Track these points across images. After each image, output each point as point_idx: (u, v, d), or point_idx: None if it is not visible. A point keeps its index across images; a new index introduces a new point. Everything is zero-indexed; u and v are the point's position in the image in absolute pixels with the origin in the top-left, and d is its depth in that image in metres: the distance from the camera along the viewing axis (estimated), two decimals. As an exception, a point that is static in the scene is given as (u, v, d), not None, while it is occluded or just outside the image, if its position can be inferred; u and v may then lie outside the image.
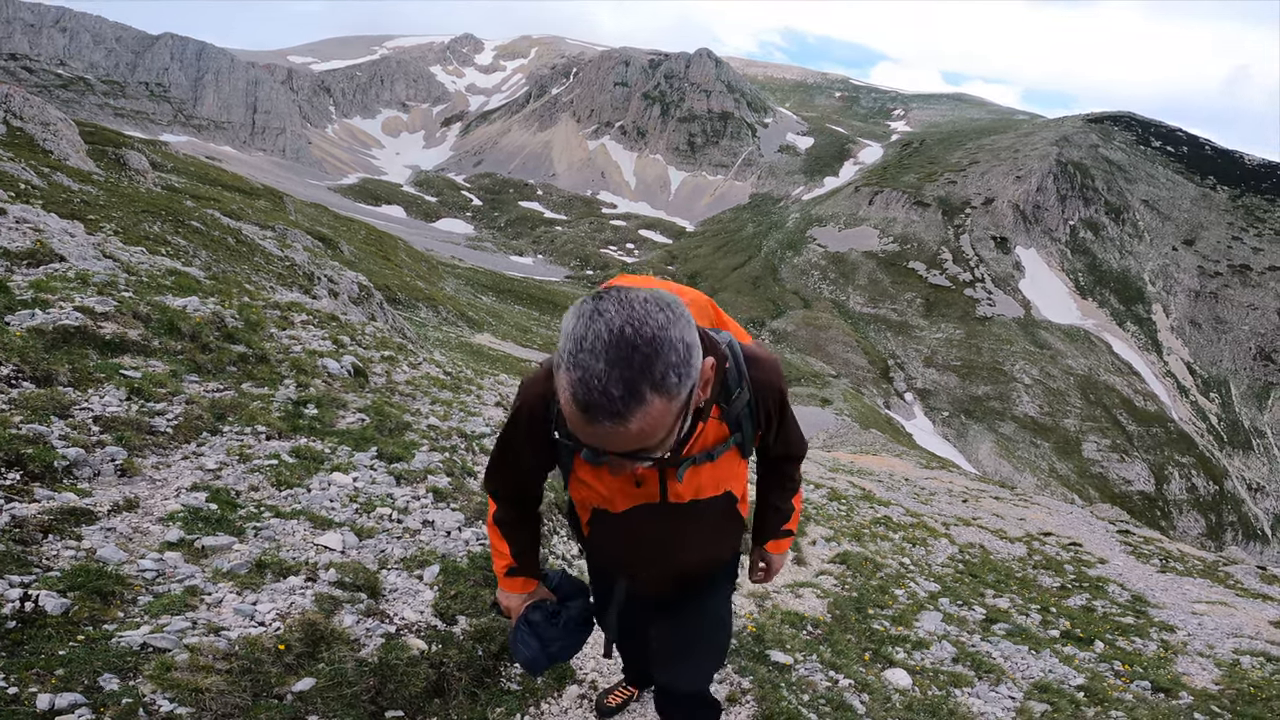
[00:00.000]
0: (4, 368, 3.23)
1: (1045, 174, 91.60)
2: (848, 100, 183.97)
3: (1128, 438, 61.34)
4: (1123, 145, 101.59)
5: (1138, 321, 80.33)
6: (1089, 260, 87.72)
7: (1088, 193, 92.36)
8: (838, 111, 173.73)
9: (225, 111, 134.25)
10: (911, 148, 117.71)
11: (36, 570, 2.27)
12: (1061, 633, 5.77)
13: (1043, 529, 11.65)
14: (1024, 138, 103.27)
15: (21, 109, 19.13)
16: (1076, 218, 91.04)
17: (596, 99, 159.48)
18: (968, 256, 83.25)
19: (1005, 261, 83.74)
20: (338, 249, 29.46)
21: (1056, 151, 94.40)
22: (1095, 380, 67.66)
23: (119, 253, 6.39)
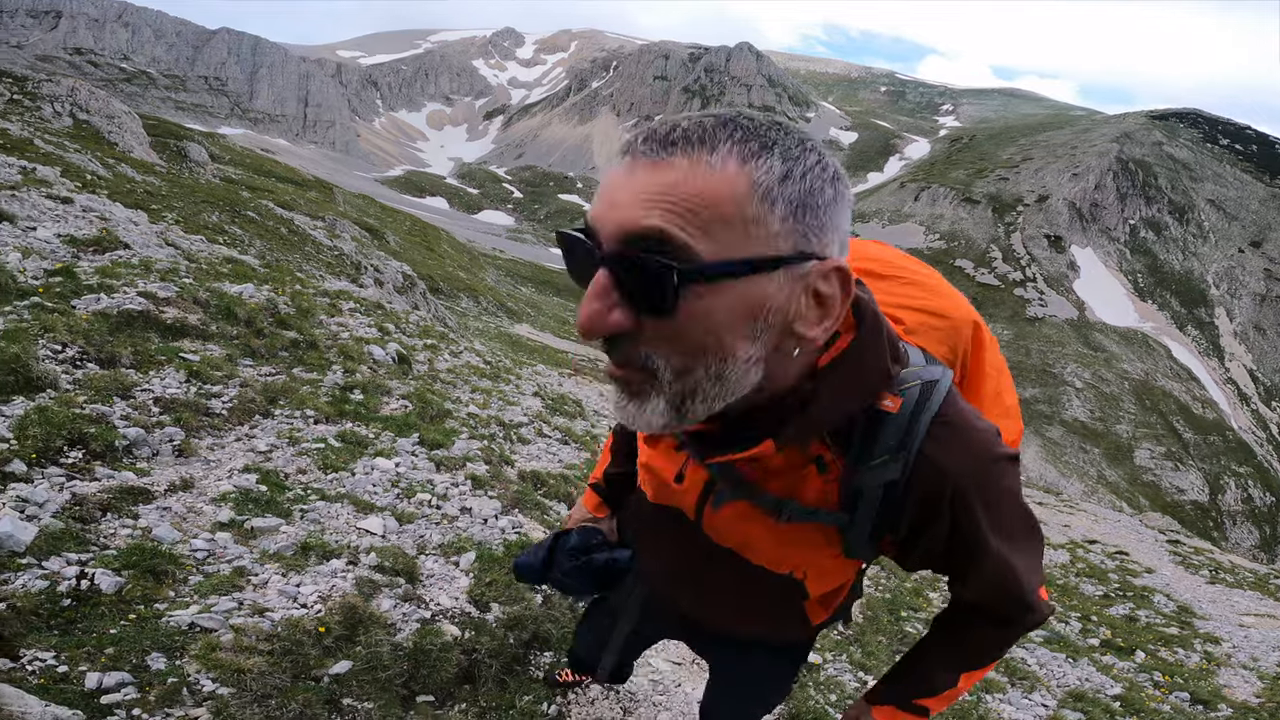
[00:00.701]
0: (70, 349, 3.39)
1: (1104, 171, 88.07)
2: (893, 95, 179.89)
3: (1183, 445, 58.78)
4: (1188, 143, 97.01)
5: (1199, 325, 76.74)
6: (1149, 261, 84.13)
7: (1150, 191, 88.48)
8: (883, 106, 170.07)
9: (279, 105, 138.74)
10: (961, 143, 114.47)
11: (94, 548, 2.35)
12: (1101, 641, 5.71)
13: (1088, 536, 11.44)
14: (1082, 134, 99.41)
15: (88, 103, 20.10)
16: (1137, 217, 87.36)
17: (636, 92, 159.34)
18: (1019, 255, 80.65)
19: (1059, 261, 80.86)
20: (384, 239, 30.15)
21: (1117, 149, 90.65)
22: (1152, 385, 64.93)
23: (180, 241, 6.66)
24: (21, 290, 3.84)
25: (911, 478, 0.87)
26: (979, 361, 1.07)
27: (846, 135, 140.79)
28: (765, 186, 0.67)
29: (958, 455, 0.87)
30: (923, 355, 0.94)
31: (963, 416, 0.89)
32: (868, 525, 0.92)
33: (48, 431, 2.73)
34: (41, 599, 2.03)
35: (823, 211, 0.71)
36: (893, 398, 0.85)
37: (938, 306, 1.04)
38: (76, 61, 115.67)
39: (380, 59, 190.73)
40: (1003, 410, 1.09)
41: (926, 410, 0.86)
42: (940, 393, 0.88)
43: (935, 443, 0.86)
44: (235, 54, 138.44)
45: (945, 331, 1.03)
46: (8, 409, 2.83)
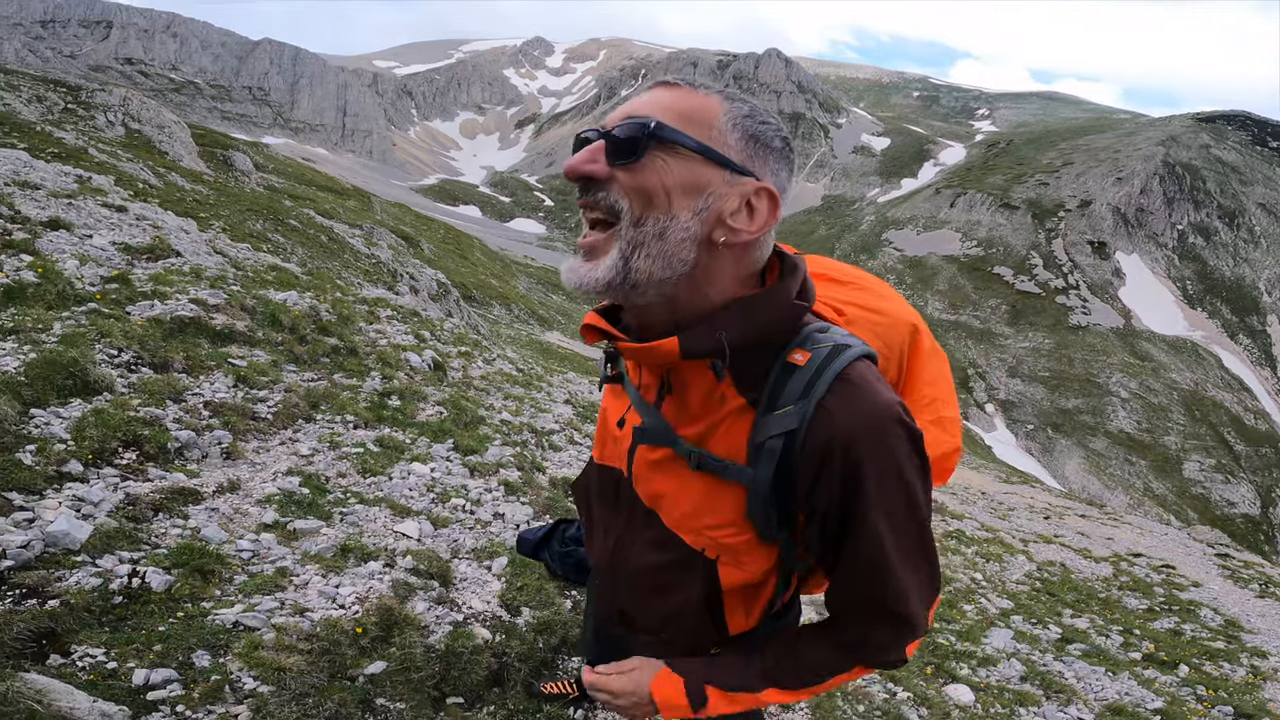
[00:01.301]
0: (126, 354, 3.54)
1: (1150, 175, 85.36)
2: (926, 100, 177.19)
3: (1234, 457, 56.41)
4: (1237, 145, 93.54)
5: (1251, 334, 73.71)
6: (1199, 267, 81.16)
7: (1198, 195, 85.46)
8: (916, 111, 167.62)
9: (318, 114, 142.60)
10: (998, 148, 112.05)
11: (145, 547, 2.44)
12: (1144, 655, 5.59)
13: (1133, 549, 11.20)
14: (1125, 138, 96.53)
15: (139, 112, 20.91)
16: (1185, 222, 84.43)
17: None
18: (1060, 262, 78.52)
19: (1103, 268, 78.49)
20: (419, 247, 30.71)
21: (1163, 152, 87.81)
22: (1202, 396, 62.49)
23: (227, 249, 6.90)
24: (79, 296, 4.03)
25: (808, 428, 0.90)
26: (914, 363, 1.12)
27: (879, 141, 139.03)
28: (733, 117, 0.89)
29: (854, 408, 0.89)
30: (847, 335, 0.98)
31: (866, 379, 0.92)
32: (768, 479, 0.93)
33: (104, 433, 2.85)
34: (94, 596, 2.11)
35: (769, 154, 0.91)
36: (803, 353, 0.93)
37: (878, 305, 1.12)
38: (128, 71, 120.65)
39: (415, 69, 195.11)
40: (934, 418, 1.11)
41: (831, 367, 0.91)
42: (849, 356, 0.92)
43: (834, 396, 0.90)
44: (277, 64, 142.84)
45: (881, 326, 1.09)
46: (65, 411, 2.97)
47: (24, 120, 13.47)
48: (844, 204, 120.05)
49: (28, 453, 2.63)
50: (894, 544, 0.94)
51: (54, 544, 2.26)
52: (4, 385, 2.87)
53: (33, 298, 3.77)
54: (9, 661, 1.83)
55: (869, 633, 1.03)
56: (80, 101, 20.19)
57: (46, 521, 2.33)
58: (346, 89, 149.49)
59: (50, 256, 4.47)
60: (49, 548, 2.25)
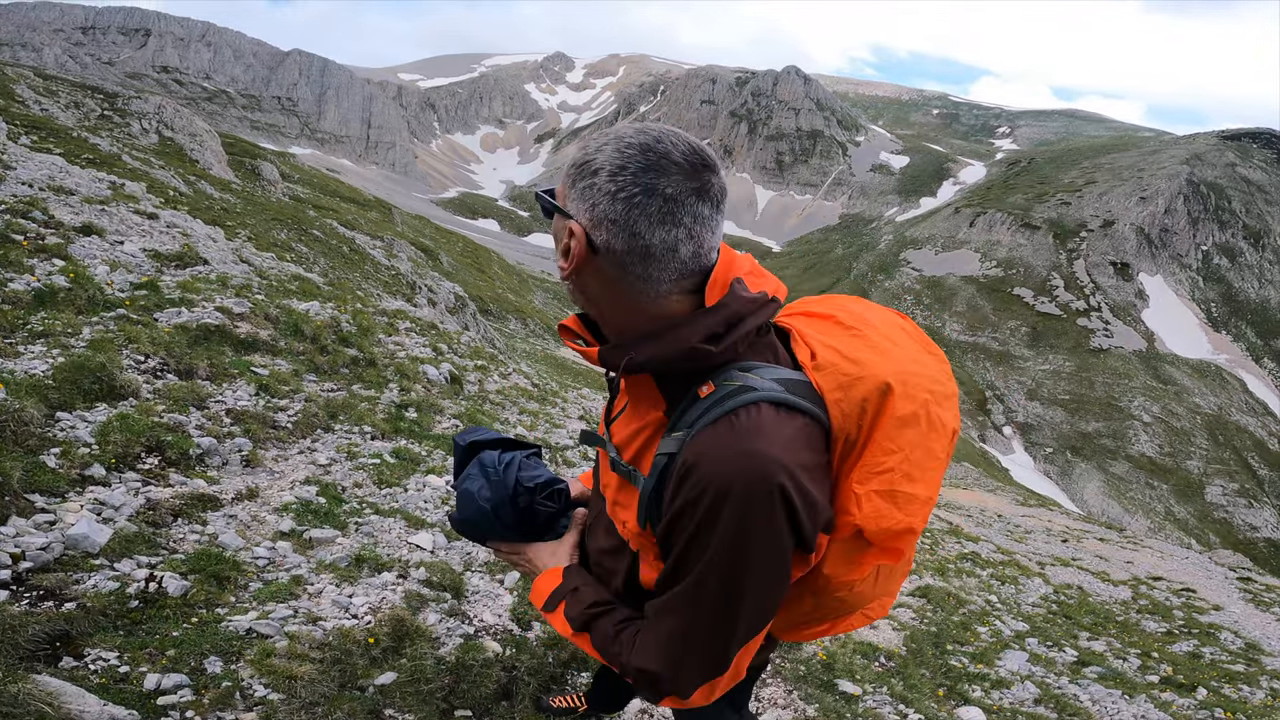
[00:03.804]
0: (152, 360, 3.61)
1: (1174, 195, 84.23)
2: (946, 118, 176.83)
3: (1258, 482, 55.17)
4: (1263, 164, 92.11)
5: (1276, 358, 72.11)
6: (1223, 289, 79.76)
7: (1223, 215, 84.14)
8: (936, 129, 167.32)
9: (344, 126, 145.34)
10: (1019, 166, 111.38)
11: (163, 552, 2.46)
12: (1161, 678, 5.55)
13: (1153, 573, 11.15)
14: (1149, 156, 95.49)
15: (173, 120, 21.46)
16: (1210, 242, 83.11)
17: (683, 117, 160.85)
18: (1082, 283, 77.50)
19: (1126, 289, 77.38)
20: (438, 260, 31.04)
21: (1188, 171, 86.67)
22: (1225, 420, 61.21)
23: (253, 258, 7.02)
24: (109, 302, 4.11)
25: (682, 452, 0.96)
26: (878, 427, 1.01)
27: (897, 159, 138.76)
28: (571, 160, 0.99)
29: (720, 446, 0.92)
30: (790, 379, 1.00)
31: (755, 424, 0.93)
32: (649, 491, 1.01)
33: (128, 438, 2.89)
34: (111, 600, 2.12)
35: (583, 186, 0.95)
36: (710, 385, 0.98)
37: (859, 356, 1.04)
38: (163, 79, 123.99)
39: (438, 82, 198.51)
40: (884, 489, 0.99)
41: (725, 404, 0.94)
42: (750, 398, 0.94)
43: (712, 429, 0.94)
44: (306, 75, 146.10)
45: (848, 378, 1.01)
46: (91, 415, 3.02)
47: (61, 126, 13.86)
48: (862, 223, 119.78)
49: (52, 455, 2.67)
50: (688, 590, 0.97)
51: (73, 547, 2.29)
52: (32, 388, 2.92)
53: (63, 302, 3.86)
54: (22, 663, 1.83)
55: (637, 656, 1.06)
56: (116, 108, 20.76)
57: (67, 524, 2.36)
58: (372, 101, 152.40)
59: (82, 262, 4.58)
60: (68, 550, 2.27)
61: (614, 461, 1.11)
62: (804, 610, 1.15)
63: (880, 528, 0.99)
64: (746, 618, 0.99)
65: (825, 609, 1.15)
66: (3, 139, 8.29)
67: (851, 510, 1.00)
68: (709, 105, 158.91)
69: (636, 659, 1.06)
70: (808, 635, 1.26)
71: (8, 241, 4.42)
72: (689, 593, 0.97)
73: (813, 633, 1.25)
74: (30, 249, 4.45)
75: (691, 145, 0.95)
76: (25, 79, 19.41)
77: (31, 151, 8.11)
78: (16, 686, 1.64)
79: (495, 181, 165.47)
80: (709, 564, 0.94)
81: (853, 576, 1.08)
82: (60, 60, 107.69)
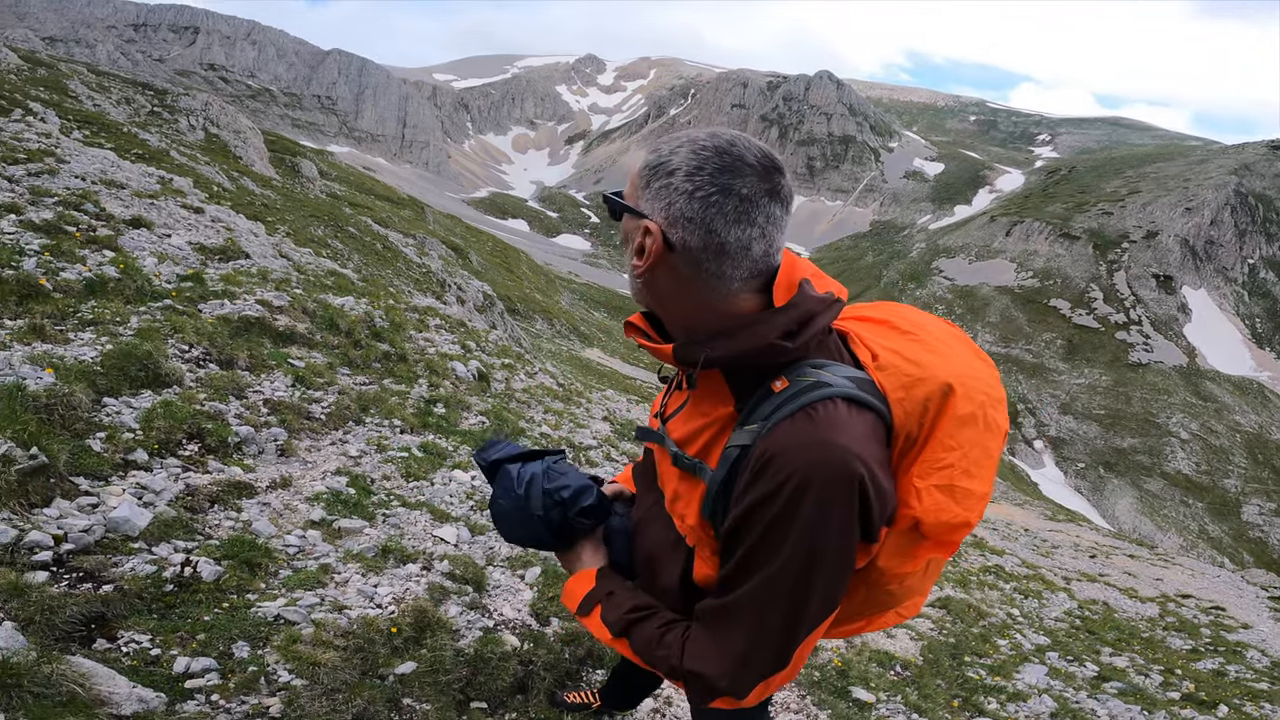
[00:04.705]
0: (195, 349, 3.74)
1: (1221, 206, 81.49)
2: (983, 124, 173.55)
3: (1296, 501, 53.16)
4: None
5: (1323, 378, 69.33)
6: (1269, 304, 77.00)
7: (1271, 227, 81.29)
8: (972, 136, 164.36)
9: (380, 125, 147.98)
10: (1059, 175, 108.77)
11: (199, 537, 2.53)
12: (1183, 695, 5.53)
13: (1182, 590, 11.06)
14: (1196, 165, 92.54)
15: (218, 117, 22.10)
16: (1257, 255, 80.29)
17: (714, 120, 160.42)
18: (1122, 295, 75.40)
19: (1168, 303, 75.07)
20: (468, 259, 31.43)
21: (1235, 181, 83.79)
22: (1266, 439, 59.06)
23: (291, 253, 7.21)
24: (156, 292, 4.27)
25: (757, 443, 0.98)
26: (940, 424, 1.04)
27: (932, 166, 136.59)
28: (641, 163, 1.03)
29: (799, 438, 0.95)
30: (858, 377, 1.04)
31: (831, 418, 0.96)
32: (718, 483, 1.03)
33: (170, 424, 3.00)
34: (147, 583, 2.19)
35: (658, 186, 0.99)
36: (784, 380, 1.01)
37: (919, 358, 1.08)
38: (210, 77, 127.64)
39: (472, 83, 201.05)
40: (944, 484, 1.02)
41: (801, 398, 0.98)
42: (825, 393, 0.98)
43: (789, 421, 0.97)
44: (345, 74, 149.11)
45: (911, 378, 1.06)
46: (136, 401, 3.13)
47: (112, 121, 14.37)
48: (893, 230, 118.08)
49: (97, 439, 2.77)
50: (760, 585, 0.98)
51: (114, 530, 2.35)
52: (81, 373, 3.05)
53: (113, 292, 4.01)
54: (57, 644, 1.88)
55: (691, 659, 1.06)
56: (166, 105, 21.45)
57: (109, 507, 2.43)
58: (407, 101, 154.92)
59: (131, 253, 4.75)
60: (109, 533, 2.34)
61: (676, 456, 1.12)
62: (854, 603, 1.17)
63: (939, 520, 1.03)
64: (814, 610, 1.00)
65: (873, 602, 1.18)
66: (56, 133, 8.63)
67: (911, 504, 1.03)
68: (739, 109, 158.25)
69: (691, 662, 1.06)
70: (845, 631, 1.29)
71: (61, 232, 4.61)
72: (760, 587, 0.98)
73: (851, 629, 1.27)
74: (82, 240, 4.64)
75: (763, 149, 1.00)
76: (79, 75, 20.15)
77: (84, 146, 8.43)
78: (50, 667, 1.68)
79: (526, 182, 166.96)
80: (785, 555, 0.95)
81: (906, 569, 1.11)
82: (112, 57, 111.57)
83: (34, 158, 6.27)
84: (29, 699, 1.63)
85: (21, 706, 1.61)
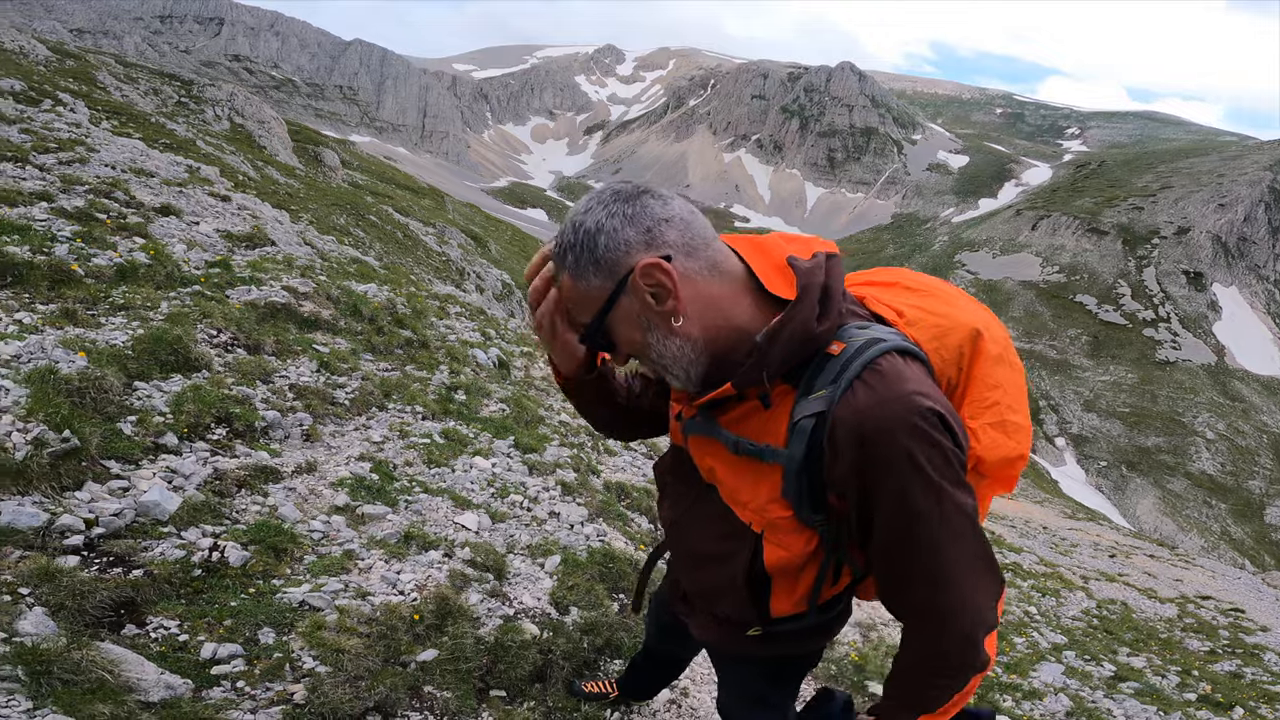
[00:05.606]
0: (224, 334, 3.78)
1: (1255, 202, 79.45)
2: (1010, 117, 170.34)
3: (1321, 505, 52.05)
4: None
5: (1357, 379, 67.50)
6: (1303, 305, 74.94)
7: (1307, 225, 78.97)
8: (998, 129, 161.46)
9: (401, 115, 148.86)
10: (1088, 169, 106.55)
11: (227, 522, 2.54)
12: (1199, 696, 5.55)
13: (1201, 592, 11.03)
14: (1230, 161, 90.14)
15: (243, 108, 22.36)
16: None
17: (733, 111, 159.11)
18: (1151, 292, 73.92)
19: (1198, 300, 73.48)
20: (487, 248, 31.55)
21: (1270, 177, 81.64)
22: (1293, 441, 57.85)
23: (315, 240, 7.28)
24: (185, 278, 4.33)
25: (835, 409, 0.98)
26: (976, 366, 1.11)
27: (956, 159, 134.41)
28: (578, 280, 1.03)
29: (878, 394, 0.96)
30: (895, 332, 1.07)
31: (896, 370, 0.99)
32: (799, 457, 1.02)
33: (199, 408, 3.03)
34: (176, 568, 2.19)
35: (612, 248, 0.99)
36: (839, 344, 1.02)
37: (942, 310, 1.14)
38: (235, 68, 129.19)
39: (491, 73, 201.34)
40: (996, 421, 1.09)
41: (863, 356, 0.99)
42: (882, 348, 1.00)
43: (862, 382, 0.98)
44: (366, 65, 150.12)
45: (941, 328, 1.11)
46: (166, 385, 3.17)
47: (140, 111, 14.58)
48: (915, 223, 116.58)
49: (129, 423, 2.79)
50: (913, 529, 0.98)
51: (144, 514, 2.36)
52: (112, 357, 3.09)
53: (143, 277, 4.07)
54: (88, 630, 1.87)
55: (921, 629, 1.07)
56: (192, 95, 21.73)
57: (140, 491, 2.45)
58: (428, 91, 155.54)
59: (161, 240, 4.82)
60: (139, 517, 2.35)
61: (737, 444, 1.10)
62: None
63: (998, 456, 1.08)
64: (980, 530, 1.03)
65: None
66: (86, 123, 8.77)
67: (970, 444, 1.05)
68: (760, 100, 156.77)
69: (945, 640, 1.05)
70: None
71: (92, 219, 4.69)
72: (939, 532, 0.98)
73: None
74: (113, 227, 4.71)
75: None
76: (107, 66, 20.45)
77: (113, 135, 8.57)
78: (80, 654, 1.69)
79: (544, 172, 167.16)
80: (922, 497, 0.97)
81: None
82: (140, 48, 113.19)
83: (65, 147, 6.38)
84: (58, 686, 1.63)
85: (50, 694, 1.61)
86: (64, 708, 1.59)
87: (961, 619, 1.02)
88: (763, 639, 1.31)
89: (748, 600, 1.22)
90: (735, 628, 1.32)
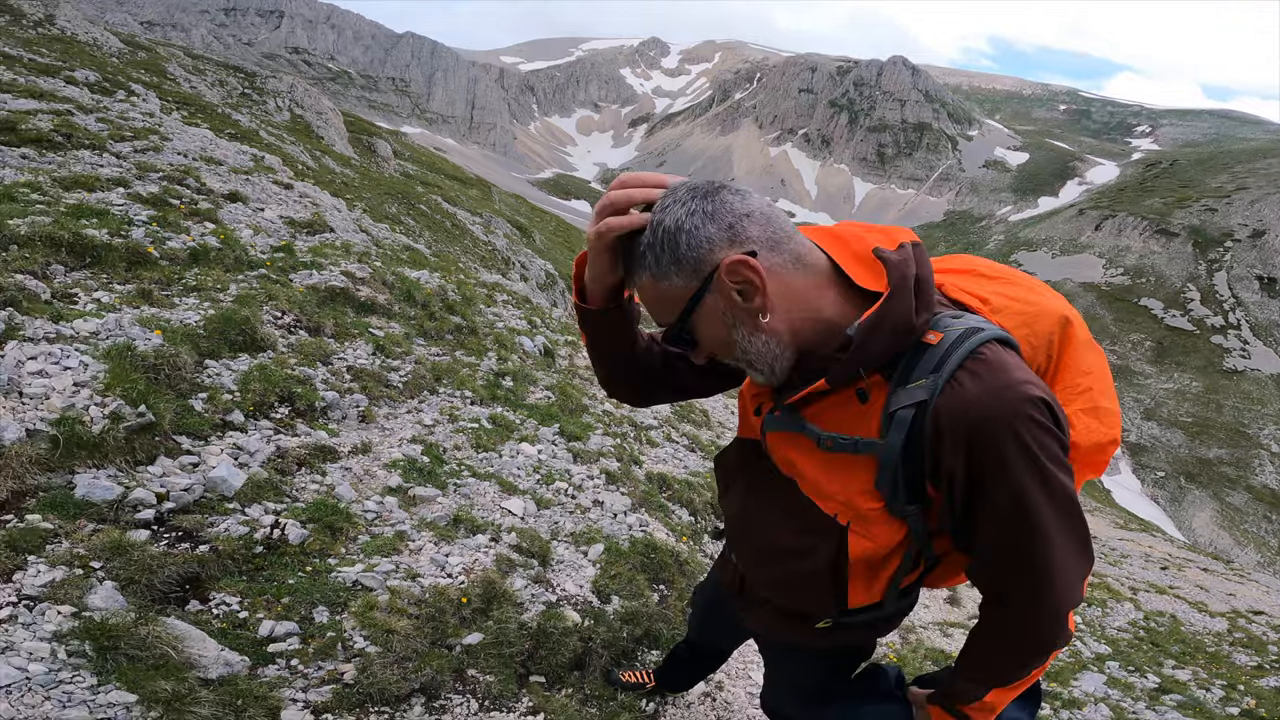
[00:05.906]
0: (287, 316, 3.92)
1: (1339, 206, 74.32)
2: (1075, 114, 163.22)
3: (1385, 521, 48.70)
4: None
5: None
6: (1388, 315, 69.97)
7: (1393, 231, 73.60)
8: (1061, 126, 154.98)
9: (450, 106, 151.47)
10: (1159, 168, 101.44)
11: (287, 500, 2.61)
12: (1242, 711, 5.42)
13: (1254, 607, 10.54)
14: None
15: (303, 99, 23.08)
16: (1375, 261, 72.96)
17: (780, 105, 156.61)
18: (1221, 297, 70.12)
19: (1271, 307, 69.36)
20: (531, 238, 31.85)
21: (1358, 179, 76.21)
22: (1362, 457, 54.25)
23: (370, 228, 7.49)
24: (252, 262, 4.50)
25: (937, 400, 0.96)
26: (1067, 352, 1.11)
27: (1015, 156, 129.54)
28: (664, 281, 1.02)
29: (984, 384, 0.95)
30: (985, 321, 1.05)
31: (1000, 359, 0.97)
32: (897, 448, 1.00)
33: (265, 387, 3.15)
34: (239, 544, 2.26)
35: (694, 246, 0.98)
36: (936, 333, 1.00)
37: (1025, 297, 1.12)
38: (294, 60, 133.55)
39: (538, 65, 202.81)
40: (1088, 407, 1.10)
41: (964, 346, 0.98)
42: (982, 337, 0.99)
43: (965, 371, 0.96)
44: (417, 57, 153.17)
45: (1029, 315, 1.10)
46: (234, 364, 3.30)
47: (207, 102, 15.18)
48: (969, 220, 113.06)
49: (199, 400, 2.91)
50: (1026, 517, 0.97)
51: (212, 489, 2.44)
52: (186, 336, 3.23)
53: (214, 261, 4.25)
54: (154, 605, 1.91)
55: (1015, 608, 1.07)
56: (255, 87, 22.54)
57: (209, 467, 2.53)
58: (476, 83, 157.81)
59: (229, 225, 5.03)
60: (207, 493, 2.42)
61: (821, 438, 1.08)
62: None
63: (1092, 441, 1.09)
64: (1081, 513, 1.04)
65: None
66: (158, 113, 9.17)
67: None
68: (807, 94, 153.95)
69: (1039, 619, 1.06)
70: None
71: (166, 204, 4.91)
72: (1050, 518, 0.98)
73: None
74: (185, 212, 4.92)
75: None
76: (176, 58, 21.33)
77: (184, 125, 8.95)
78: (147, 629, 1.72)
79: (589, 164, 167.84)
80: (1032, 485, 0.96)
81: None
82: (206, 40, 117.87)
83: (140, 135, 6.69)
84: (123, 661, 1.65)
85: (115, 670, 1.63)
86: (127, 684, 1.61)
87: (1057, 599, 1.03)
88: (830, 630, 1.31)
89: (827, 593, 1.21)
90: (803, 620, 1.31)
